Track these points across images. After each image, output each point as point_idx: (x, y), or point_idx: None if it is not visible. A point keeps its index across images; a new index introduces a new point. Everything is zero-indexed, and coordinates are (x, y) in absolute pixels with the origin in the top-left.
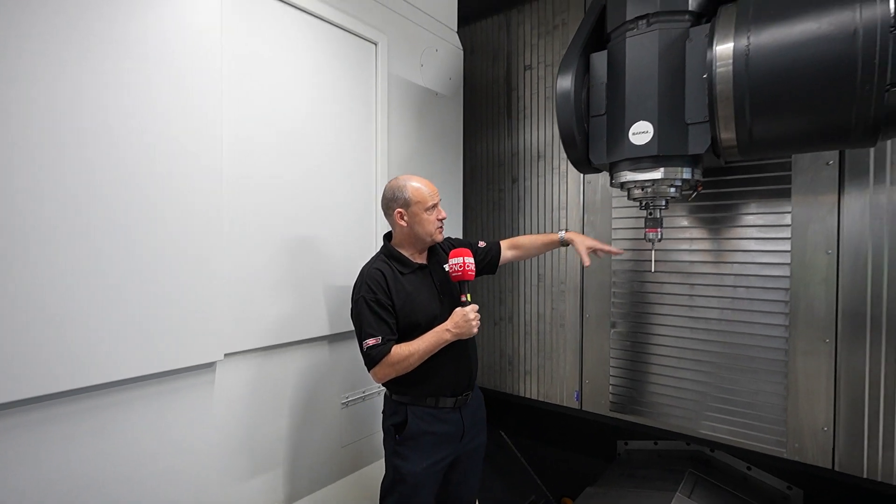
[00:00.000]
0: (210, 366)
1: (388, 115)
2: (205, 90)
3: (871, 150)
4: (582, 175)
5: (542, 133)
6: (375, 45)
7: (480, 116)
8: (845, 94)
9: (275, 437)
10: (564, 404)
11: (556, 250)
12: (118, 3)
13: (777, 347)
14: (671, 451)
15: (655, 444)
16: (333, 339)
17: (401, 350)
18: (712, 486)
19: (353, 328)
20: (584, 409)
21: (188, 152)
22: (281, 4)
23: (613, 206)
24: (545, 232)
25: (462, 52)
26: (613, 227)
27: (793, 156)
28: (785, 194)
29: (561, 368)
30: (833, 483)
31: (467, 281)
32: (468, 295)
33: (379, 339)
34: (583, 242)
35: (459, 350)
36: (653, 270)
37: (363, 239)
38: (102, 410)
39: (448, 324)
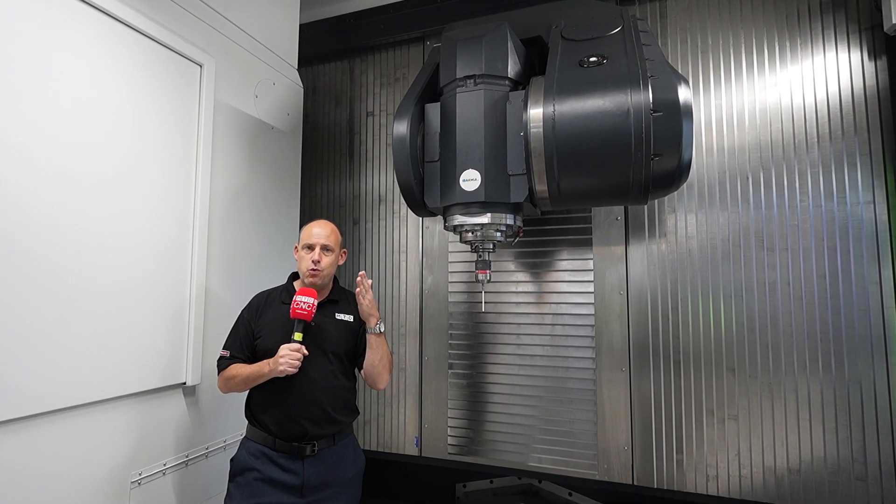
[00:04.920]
0: None
1: (212, 143)
2: None
3: (646, 209)
4: (421, 220)
5: (383, 177)
6: (201, 66)
7: (321, 156)
8: (624, 159)
9: None
10: (405, 452)
11: (398, 292)
12: None
13: (587, 378)
14: (505, 488)
15: (491, 482)
16: (123, 400)
17: (235, 369)
18: None
19: (149, 387)
20: (423, 454)
21: None
22: (83, 6)
23: (450, 250)
24: (387, 276)
25: (302, 89)
26: (450, 270)
27: (592, 211)
28: (588, 243)
29: (401, 415)
30: (634, 496)
31: (304, 321)
32: (299, 334)
33: (227, 353)
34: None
35: (293, 391)
36: (483, 310)
37: (170, 279)
38: None
39: (272, 358)
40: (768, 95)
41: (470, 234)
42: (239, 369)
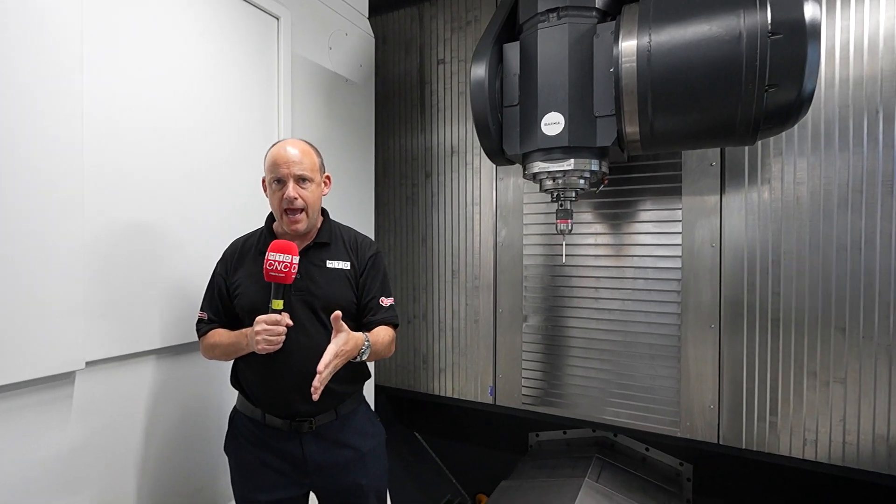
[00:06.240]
0: (67, 376)
1: (291, 97)
2: (60, 58)
3: (747, 152)
4: (495, 172)
5: (456, 128)
6: (278, 19)
7: (393, 109)
8: (732, 92)
9: (153, 458)
10: (479, 400)
11: (471, 245)
12: None
13: (671, 334)
14: (579, 439)
15: (564, 433)
16: None
17: (214, 337)
18: (617, 469)
19: None
20: (497, 403)
21: (41, 136)
22: None
23: (525, 202)
24: (460, 229)
25: (374, 39)
26: (525, 222)
27: (682, 157)
28: (676, 192)
29: (475, 364)
30: (718, 456)
31: (283, 284)
32: (278, 301)
33: (205, 316)
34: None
35: (280, 362)
36: (564, 261)
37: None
38: None
39: (250, 328)
40: None
41: (551, 181)
42: (218, 337)
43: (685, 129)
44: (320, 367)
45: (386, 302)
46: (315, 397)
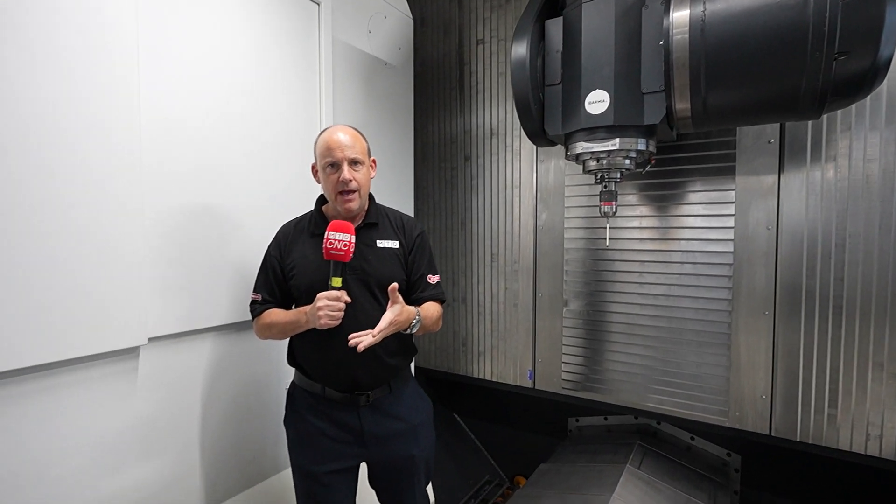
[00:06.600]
0: (132, 351)
1: (332, 83)
2: (117, 57)
3: (809, 129)
4: (535, 154)
5: (495, 109)
6: (318, 5)
7: (431, 92)
8: (796, 61)
9: (210, 429)
10: (518, 384)
11: (511, 229)
12: None
13: (721, 321)
14: (620, 426)
15: (605, 419)
16: None
17: (270, 317)
18: (659, 457)
19: None
20: (536, 387)
21: (99, 129)
22: None
23: (566, 184)
24: (499, 213)
25: (412, 21)
26: (566, 205)
27: (737, 134)
28: (729, 172)
29: (514, 348)
30: (769, 448)
31: (341, 263)
32: (337, 279)
33: (259, 297)
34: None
35: (338, 339)
36: (607, 245)
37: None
38: None
39: (308, 306)
40: None
41: (594, 162)
42: (275, 317)
43: (742, 103)
44: (375, 330)
45: (433, 279)
46: (357, 347)
